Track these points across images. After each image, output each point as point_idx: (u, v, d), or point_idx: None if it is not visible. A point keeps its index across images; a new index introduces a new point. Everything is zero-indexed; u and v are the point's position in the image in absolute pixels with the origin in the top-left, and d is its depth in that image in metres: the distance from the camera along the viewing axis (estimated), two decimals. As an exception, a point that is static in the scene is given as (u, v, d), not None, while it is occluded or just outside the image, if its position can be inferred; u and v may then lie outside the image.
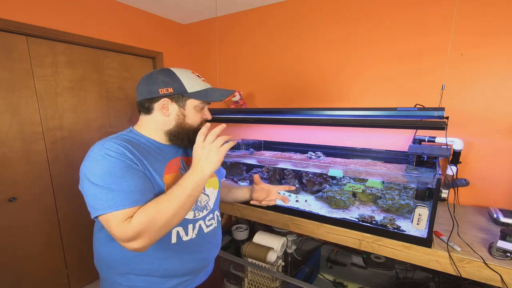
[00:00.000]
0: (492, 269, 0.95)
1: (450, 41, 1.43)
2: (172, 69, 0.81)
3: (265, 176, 1.74)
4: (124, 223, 0.65)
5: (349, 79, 1.78)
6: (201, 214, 0.86)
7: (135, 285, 0.78)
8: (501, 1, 1.33)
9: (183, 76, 0.80)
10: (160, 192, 0.75)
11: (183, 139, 0.83)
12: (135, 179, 0.69)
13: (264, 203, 1.01)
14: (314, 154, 1.67)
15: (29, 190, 1.65)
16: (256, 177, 1.03)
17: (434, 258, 1.05)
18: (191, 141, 0.81)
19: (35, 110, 1.64)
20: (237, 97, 1.94)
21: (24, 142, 1.60)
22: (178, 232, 0.80)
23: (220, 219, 0.97)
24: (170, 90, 0.78)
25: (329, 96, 1.86)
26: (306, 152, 1.73)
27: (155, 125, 0.82)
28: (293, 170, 1.71)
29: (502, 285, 0.94)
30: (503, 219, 1.21)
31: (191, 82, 0.81)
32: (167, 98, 0.79)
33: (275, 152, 1.94)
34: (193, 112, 0.83)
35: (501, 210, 1.29)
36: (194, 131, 0.82)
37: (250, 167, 1.91)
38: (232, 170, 1.93)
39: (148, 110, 0.80)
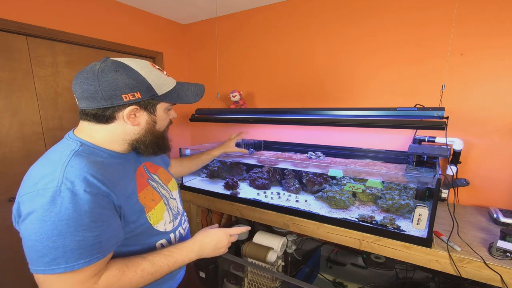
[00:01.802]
0: (492, 269, 0.95)
1: (450, 41, 1.43)
2: (127, 63, 0.63)
3: (265, 176, 1.74)
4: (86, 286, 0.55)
5: (348, 79, 1.78)
6: (177, 221, 0.82)
7: None
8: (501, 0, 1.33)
9: (148, 74, 0.64)
10: (140, 216, 0.67)
11: (153, 147, 0.72)
12: (106, 225, 0.57)
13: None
14: (314, 154, 1.67)
15: (29, 190, 1.65)
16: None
17: (434, 258, 1.05)
18: (161, 147, 0.74)
19: (35, 110, 1.63)
20: (237, 97, 1.94)
21: (24, 142, 1.60)
22: (162, 245, 0.74)
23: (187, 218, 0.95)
24: (138, 95, 0.62)
25: (329, 96, 1.86)
26: (306, 152, 1.73)
27: (115, 135, 0.66)
28: (293, 170, 1.71)
29: (502, 285, 0.94)
30: (503, 219, 1.21)
31: (158, 80, 0.66)
32: (136, 106, 0.64)
33: (275, 152, 1.94)
34: (163, 116, 0.72)
35: (501, 210, 1.29)
36: (162, 135, 0.75)
37: (250, 167, 1.91)
38: (232, 170, 1.93)
39: (106, 121, 0.63)
